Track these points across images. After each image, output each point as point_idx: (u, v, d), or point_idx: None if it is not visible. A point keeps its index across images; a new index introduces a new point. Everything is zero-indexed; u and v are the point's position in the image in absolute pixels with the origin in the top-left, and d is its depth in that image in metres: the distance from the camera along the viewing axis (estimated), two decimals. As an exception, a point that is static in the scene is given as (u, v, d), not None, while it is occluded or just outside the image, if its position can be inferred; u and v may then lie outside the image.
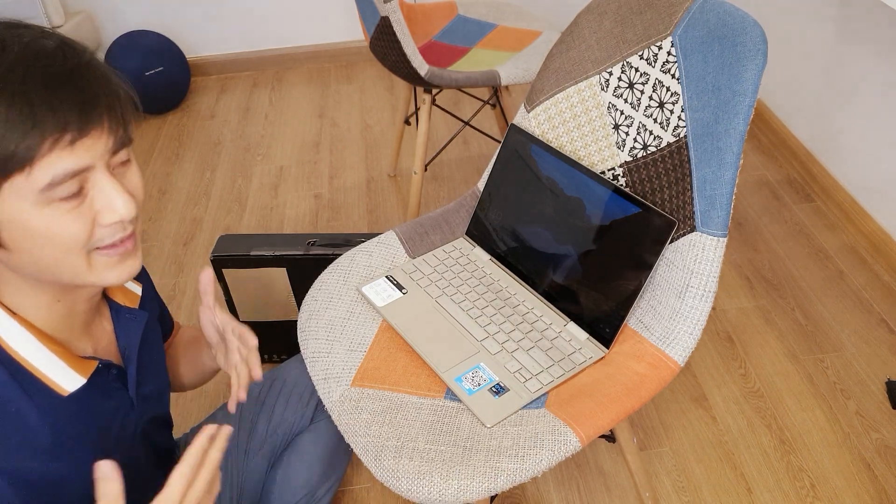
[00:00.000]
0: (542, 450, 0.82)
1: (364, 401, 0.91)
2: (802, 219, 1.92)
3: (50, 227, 0.62)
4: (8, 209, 0.60)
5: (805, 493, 1.29)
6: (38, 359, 0.70)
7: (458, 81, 1.60)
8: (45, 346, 0.71)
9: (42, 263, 0.65)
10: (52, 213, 0.61)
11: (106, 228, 0.65)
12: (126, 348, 0.83)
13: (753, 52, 0.86)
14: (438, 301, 1.06)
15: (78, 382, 0.73)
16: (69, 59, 0.61)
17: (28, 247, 0.63)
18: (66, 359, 0.73)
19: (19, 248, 0.63)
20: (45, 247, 0.63)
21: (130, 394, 0.82)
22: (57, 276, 0.66)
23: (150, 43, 2.49)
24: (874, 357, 1.52)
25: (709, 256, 0.91)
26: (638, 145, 1.02)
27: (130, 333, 0.83)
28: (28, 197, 0.60)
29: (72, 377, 0.73)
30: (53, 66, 0.60)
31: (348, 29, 2.78)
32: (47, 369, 0.71)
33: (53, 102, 0.59)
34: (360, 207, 2.06)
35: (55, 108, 0.59)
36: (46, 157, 0.59)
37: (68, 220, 0.62)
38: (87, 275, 0.67)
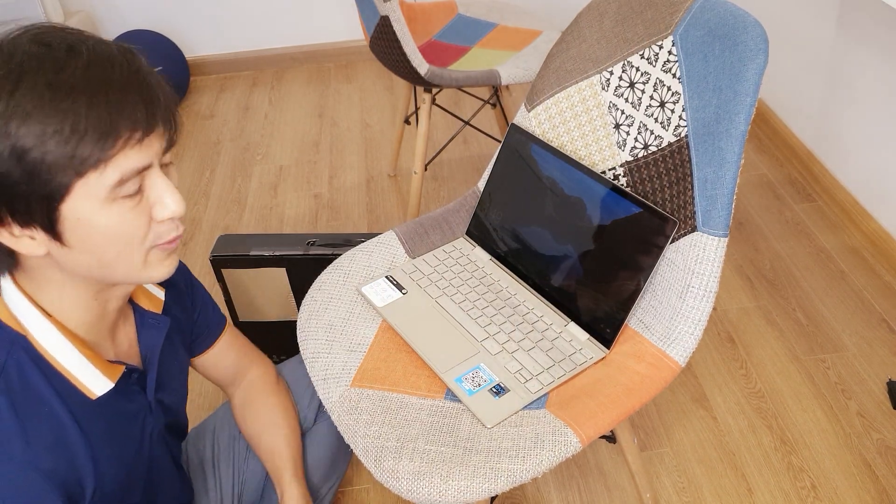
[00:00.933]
0: (542, 450, 0.82)
1: (364, 401, 0.91)
2: (803, 218, 1.92)
3: (115, 224, 0.65)
4: (78, 207, 0.63)
5: (806, 493, 1.28)
6: (70, 361, 0.72)
7: (458, 81, 1.60)
8: (77, 349, 0.72)
9: (104, 260, 0.67)
10: (118, 210, 0.64)
11: (162, 225, 0.69)
12: (148, 353, 0.84)
13: (754, 51, 0.86)
14: (438, 301, 1.05)
15: (106, 386, 0.75)
16: (132, 63, 0.65)
17: (92, 245, 0.65)
18: (96, 363, 0.74)
19: (82, 247, 0.65)
20: (109, 244, 0.66)
21: (149, 398, 0.83)
22: (111, 273, 0.69)
23: (149, 42, 2.49)
24: (875, 357, 1.52)
25: (710, 256, 0.91)
26: (639, 145, 1.02)
27: (153, 339, 0.84)
28: (98, 195, 0.63)
29: (101, 381, 0.74)
30: (123, 69, 0.63)
31: (348, 28, 2.78)
32: (79, 372, 0.72)
33: (127, 104, 0.62)
34: (359, 207, 2.06)
35: (129, 109, 0.62)
36: (118, 156, 0.62)
37: (130, 217, 0.65)
38: (140, 271, 0.70)
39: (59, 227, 0.64)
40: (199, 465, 1.07)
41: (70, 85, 0.60)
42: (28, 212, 0.62)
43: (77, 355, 0.72)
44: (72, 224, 0.64)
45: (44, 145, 0.59)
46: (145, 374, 0.83)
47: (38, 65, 0.60)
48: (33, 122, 0.59)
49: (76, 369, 0.72)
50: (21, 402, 0.67)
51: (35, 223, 0.63)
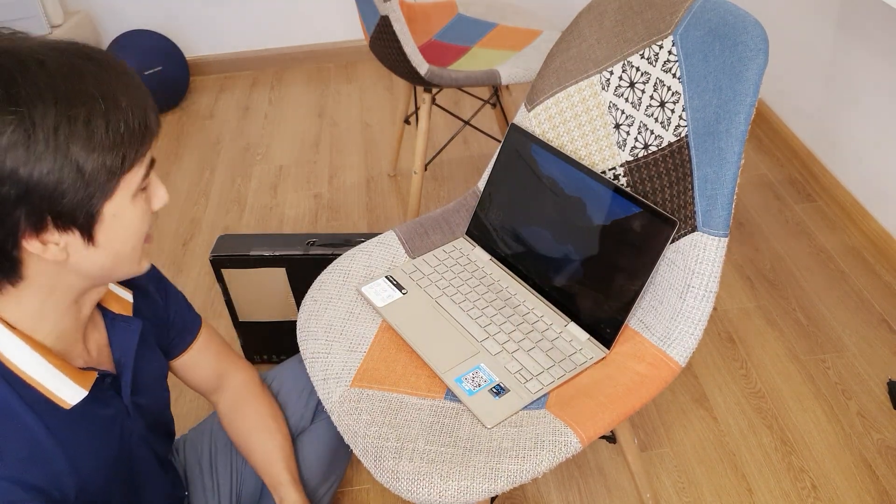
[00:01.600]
0: (542, 451, 0.82)
1: (364, 401, 0.91)
2: (804, 218, 1.92)
3: (138, 217, 0.69)
4: (118, 204, 0.66)
5: (806, 493, 1.28)
6: (39, 373, 0.71)
7: (458, 81, 1.60)
8: (46, 359, 0.72)
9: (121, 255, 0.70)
10: (139, 203, 0.69)
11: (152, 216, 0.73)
12: (121, 356, 0.83)
13: (754, 51, 0.86)
14: (438, 301, 1.05)
15: (80, 395, 0.74)
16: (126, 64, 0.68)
17: (118, 240, 0.68)
18: (67, 371, 0.73)
19: (108, 244, 0.68)
20: (131, 238, 0.70)
21: (125, 402, 0.82)
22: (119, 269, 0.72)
23: (149, 42, 2.49)
24: (875, 357, 1.52)
25: (710, 256, 0.91)
26: (639, 145, 1.01)
27: (125, 341, 0.83)
28: (132, 189, 0.67)
29: (74, 390, 0.74)
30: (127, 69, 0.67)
31: (348, 28, 2.78)
32: (50, 383, 0.72)
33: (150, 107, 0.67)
34: (359, 207, 2.06)
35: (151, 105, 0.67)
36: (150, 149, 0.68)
37: (144, 209, 0.70)
38: (137, 264, 0.73)
39: (96, 227, 0.66)
40: (197, 466, 1.07)
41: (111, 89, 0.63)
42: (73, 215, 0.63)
43: (46, 366, 0.71)
44: (108, 221, 0.66)
45: (101, 152, 0.62)
46: (119, 378, 0.82)
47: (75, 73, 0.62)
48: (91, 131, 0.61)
49: (47, 380, 0.71)
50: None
51: (75, 226, 0.64)
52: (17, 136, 0.58)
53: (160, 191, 0.73)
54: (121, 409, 0.81)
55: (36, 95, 0.59)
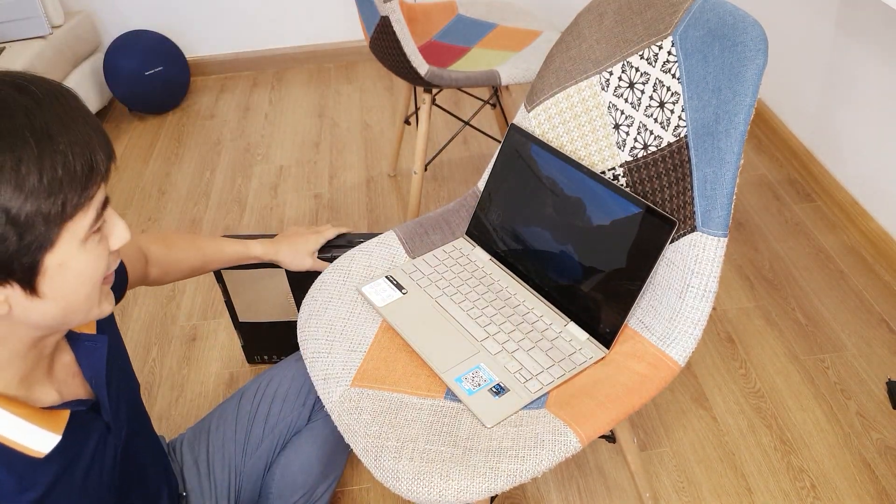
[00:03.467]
0: (542, 450, 0.82)
1: (364, 401, 0.91)
2: (803, 218, 1.92)
3: (89, 264, 0.63)
4: (60, 254, 0.60)
5: (805, 493, 1.28)
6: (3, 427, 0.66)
7: (458, 81, 1.60)
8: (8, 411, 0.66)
9: (71, 304, 0.64)
10: (90, 248, 0.63)
11: (112, 255, 0.67)
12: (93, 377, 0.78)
13: (754, 51, 0.86)
14: (438, 301, 1.06)
15: (53, 441, 0.69)
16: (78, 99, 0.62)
17: (66, 289, 0.63)
18: (35, 419, 0.68)
19: (55, 294, 0.62)
20: (81, 285, 0.63)
21: (106, 419, 0.78)
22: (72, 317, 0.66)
23: (149, 43, 2.49)
24: (875, 357, 1.52)
25: (709, 256, 0.91)
26: (638, 145, 1.02)
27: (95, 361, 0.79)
28: (79, 235, 0.61)
29: (45, 437, 0.69)
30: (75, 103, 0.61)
31: (348, 29, 2.78)
32: (16, 436, 0.66)
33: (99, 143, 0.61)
34: (359, 207, 2.06)
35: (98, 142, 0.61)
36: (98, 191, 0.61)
37: (98, 252, 0.64)
38: (95, 308, 0.67)
39: (38, 279, 0.60)
40: (195, 466, 1.07)
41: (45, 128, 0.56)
42: (9, 269, 0.58)
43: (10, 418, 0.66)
44: (52, 272, 0.61)
45: (37, 198, 0.56)
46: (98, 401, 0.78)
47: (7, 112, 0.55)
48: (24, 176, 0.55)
49: (13, 433, 0.66)
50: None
51: (13, 280, 0.59)
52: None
53: (118, 228, 0.66)
54: (101, 428, 0.78)
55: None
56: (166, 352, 1.64)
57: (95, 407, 0.78)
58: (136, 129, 2.53)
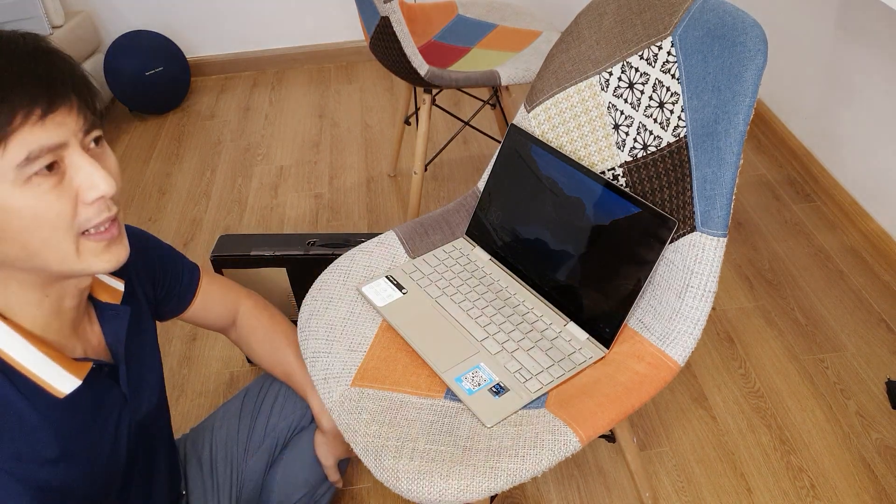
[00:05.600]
0: (542, 450, 0.82)
1: (364, 401, 0.91)
2: (802, 219, 1.92)
3: (33, 206, 0.62)
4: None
5: (805, 493, 1.29)
6: (31, 362, 0.70)
7: (457, 81, 1.60)
8: (37, 348, 0.71)
9: (31, 248, 0.65)
10: (34, 191, 0.62)
11: (91, 207, 0.66)
12: (114, 345, 0.83)
13: (753, 52, 0.86)
14: (438, 301, 1.06)
15: (73, 384, 0.74)
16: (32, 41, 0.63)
17: (15, 230, 0.63)
18: (60, 361, 0.73)
19: (5, 235, 0.63)
20: (31, 228, 0.63)
21: (123, 389, 0.82)
22: (45, 262, 0.66)
23: (150, 43, 2.49)
24: (874, 357, 1.52)
25: (709, 256, 0.91)
26: (638, 145, 1.02)
27: (116, 330, 0.83)
28: (7, 175, 0.61)
29: (67, 379, 0.73)
30: (19, 47, 0.62)
31: (348, 29, 2.78)
32: (42, 372, 0.71)
33: (22, 78, 0.60)
34: (360, 207, 2.06)
35: (23, 83, 0.60)
36: (19, 132, 0.60)
37: (51, 198, 0.63)
38: (75, 261, 0.67)
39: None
40: (197, 465, 1.07)
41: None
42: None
43: (38, 355, 0.71)
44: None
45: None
46: (117, 367, 0.82)
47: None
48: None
49: (39, 369, 0.70)
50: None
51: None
52: None
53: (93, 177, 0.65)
54: (119, 397, 0.81)
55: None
56: (167, 351, 1.64)
57: (114, 375, 0.81)
58: (136, 130, 2.53)
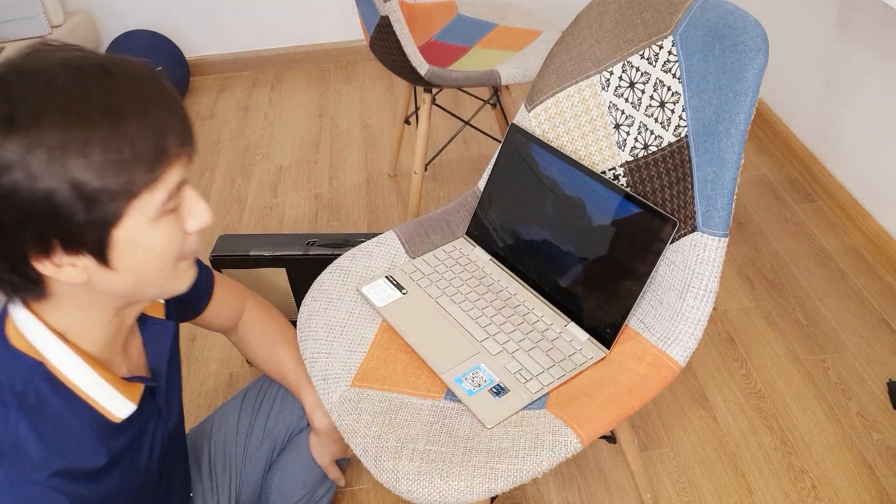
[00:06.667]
0: (542, 451, 0.82)
1: (364, 401, 0.91)
2: (803, 219, 1.92)
3: (161, 241, 0.66)
4: (128, 230, 0.63)
5: (806, 493, 1.28)
6: (91, 387, 0.71)
7: (458, 81, 1.60)
8: (96, 372, 0.72)
9: (143, 279, 0.68)
10: (163, 227, 0.66)
11: (193, 236, 0.70)
12: (156, 361, 0.84)
13: (754, 51, 0.86)
14: (438, 301, 1.05)
15: (129, 409, 0.75)
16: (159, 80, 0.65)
17: (137, 264, 0.66)
18: (115, 384, 0.74)
19: (127, 268, 0.66)
20: (153, 261, 0.67)
21: (159, 403, 0.83)
22: (146, 290, 0.69)
23: (149, 42, 2.49)
24: (875, 357, 1.52)
25: (710, 256, 0.91)
26: (639, 145, 1.02)
27: (160, 346, 0.84)
28: (148, 213, 0.64)
29: (123, 404, 0.74)
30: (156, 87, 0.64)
31: (348, 29, 2.78)
32: (101, 397, 0.72)
33: (171, 123, 0.63)
34: (359, 207, 2.06)
35: (174, 128, 0.64)
36: (168, 172, 0.64)
37: (173, 231, 0.67)
38: (172, 284, 0.71)
39: (109, 252, 0.64)
40: (197, 465, 1.07)
41: (119, 108, 0.60)
42: (80, 240, 0.62)
43: (97, 379, 0.72)
44: (122, 247, 0.64)
45: (102, 175, 0.59)
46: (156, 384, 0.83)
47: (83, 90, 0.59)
48: (92, 153, 0.58)
49: (98, 394, 0.72)
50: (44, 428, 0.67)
51: (84, 250, 0.63)
52: (13, 156, 0.57)
53: (197, 210, 0.69)
54: (154, 410, 0.82)
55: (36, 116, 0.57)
56: (166, 352, 1.64)
57: (151, 389, 0.82)
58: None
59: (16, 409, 0.66)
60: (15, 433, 0.66)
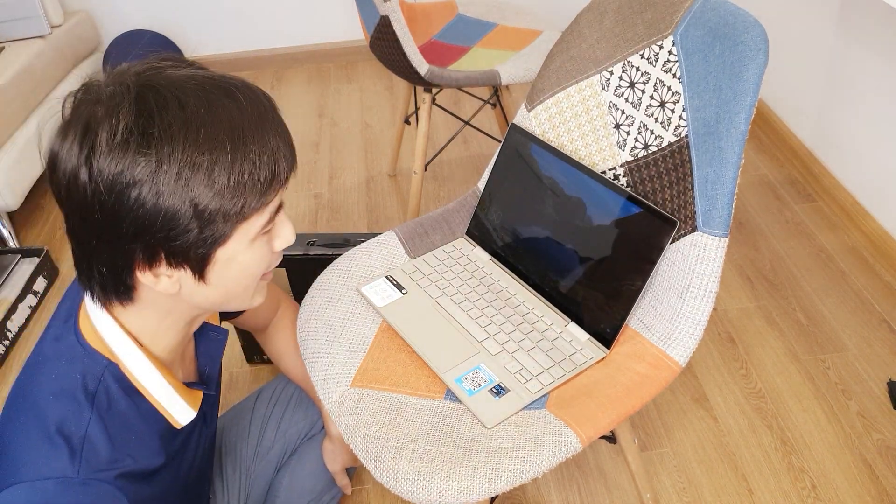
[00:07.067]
0: (542, 451, 0.82)
1: (364, 401, 0.91)
2: (804, 219, 1.92)
3: (255, 261, 0.69)
4: (230, 249, 0.66)
5: (806, 493, 1.28)
6: (158, 392, 0.73)
7: (458, 81, 1.60)
8: (164, 378, 0.73)
9: (232, 294, 0.70)
10: (258, 247, 0.68)
11: (277, 255, 0.72)
12: (207, 367, 0.85)
13: (754, 51, 0.86)
14: (438, 301, 1.05)
15: (190, 416, 0.77)
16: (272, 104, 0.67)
17: (229, 280, 0.68)
18: (180, 391, 0.75)
19: (220, 283, 0.68)
20: (243, 279, 0.69)
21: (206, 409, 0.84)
22: (230, 304, 0.72)
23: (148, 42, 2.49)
24: (875, 357, 1.52)
25: (710, 256, 0.91)
26: (639, 145, 1.02)
27: (213, 352, 0.85)
28: (250, 235, 0.66)
29: (185, 410, 0.76)
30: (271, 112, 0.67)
31: (348, 28, 2.78)
32: (166, 402, 0.74)
33: (283, 149, 0.66)
34: (359, 207, 2.06)
35: (285, 153, 0.66)
36: (275, 198, 0.66)
37: (265, 252, 0.70)
38: (251, 299, 0.74)
39: (208, 268, 0.65)
40: None
41: (243, 133, 0.62)
42: (186, 256, 0.64)
43: (165, 385, 0.73)
44: (221, 264, 0.66)
45: (222, 197, 0.61)
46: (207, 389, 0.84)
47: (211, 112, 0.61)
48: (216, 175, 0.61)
49: (164, 399, 0.73)
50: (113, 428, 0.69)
51: (187, 265, 0.64)
52: (145, 172, 0.59)
53: (285, 231, 0.71)
54: (201, 416, 0.83)
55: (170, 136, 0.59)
56: (166, 352, 1.64)
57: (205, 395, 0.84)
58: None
59: (88, 407, 0.68)
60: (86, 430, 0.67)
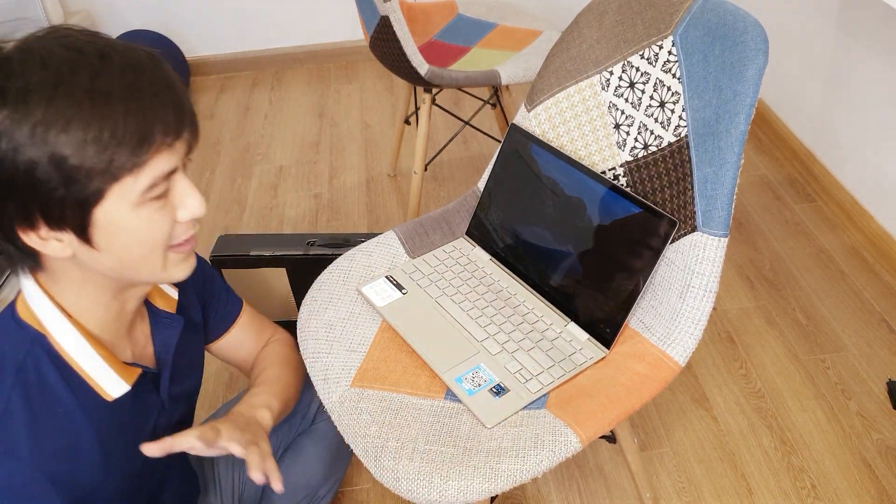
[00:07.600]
0: (542, 450, 0.82)
1: (364, 401, 0.91)
2: (803, 219, 1.92)
3: (143, 227, 0.67)
4: (111, 211, 0.64)
5: (806, 493, 1.28)
6: (87, 363, 0.73)
7: (458, 81, 1.60)
8: (95, 350, 0.73)
9: (127, 262, 0.69)
10: (146, 213, 0.66)
11: (182, 225, 0.71)
12: (161, 352, 0.84)
13: (754, 51, 0.86)
14: (438, 301, 1.05)
15: (123, 389, 0.76)
16: (160, 68, 0.66)
17: (119, 246, 0.67)
18: (113, 364, 0.75)
19: (110, 249, 0.67)
20: (135, 245, 0.68)
21: (162, 396, 0.84)
22: (134, 274, 0.71)
23: (149, 42, 2.49)
24: (875, 357, 1.52)
25: (710, 256, 0.91)
26: (639, 145, 1.02)
27: (167, 338, 0.85)
28: (130, 198, 0.65)
29: (117, 383, 0.75)
30: (153, 75, 0.65)
31: (348, 29, 2.78)
32: (96, 374, 0.73)
33: (160, 109, 0.64)
34: (359, 207, 2.06)
35: (162, 115, 0.64)
36: (151, 161, 0.64)
37: (157, 218, 0.67)
38: (160, 272, 0.72)
39: (90, 231, 0.65)
40: (199, 465, 1.07)
41: (107, 92, 0.61)
42: (61, 216, 0.63)
43: (95, 357, 0.73)
44: (103, 227, 0.65)
45: (82, 152, 0.61)
46: (159, 374, 0.84)
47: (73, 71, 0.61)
48: (73, 130, 0.60)
49: (94, 371, 0.73)
50: (36, 401, 0.69)
51: (66, 226, 0.64)
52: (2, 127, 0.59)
53: (190, 200, 0.69)
54: (156, 403, 0.83)
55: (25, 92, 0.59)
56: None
57: (156, 381, 0.83)
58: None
59: (12, 378, 0.68)
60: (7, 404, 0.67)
